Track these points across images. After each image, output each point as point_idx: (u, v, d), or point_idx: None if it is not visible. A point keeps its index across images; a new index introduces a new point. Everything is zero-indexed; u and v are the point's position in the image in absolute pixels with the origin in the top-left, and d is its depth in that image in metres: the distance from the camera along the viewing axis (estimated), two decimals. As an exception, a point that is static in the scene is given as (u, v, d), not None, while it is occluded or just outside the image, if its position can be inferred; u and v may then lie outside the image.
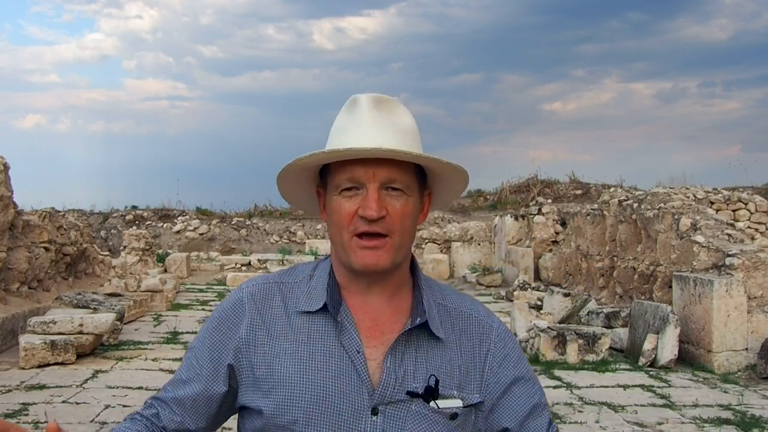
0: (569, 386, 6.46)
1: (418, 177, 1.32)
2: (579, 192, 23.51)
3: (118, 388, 6.05)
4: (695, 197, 10.92)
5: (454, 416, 1.29)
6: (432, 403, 1.27)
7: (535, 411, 1.40)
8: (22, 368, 6.66)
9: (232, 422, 1.44)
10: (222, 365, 1.34)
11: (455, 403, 1.30)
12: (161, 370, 6.83)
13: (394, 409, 1.27)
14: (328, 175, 1.32)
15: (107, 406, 5.45)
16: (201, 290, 14.72)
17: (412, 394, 1.27)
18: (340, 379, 1.27)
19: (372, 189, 1.26)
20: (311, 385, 1.27)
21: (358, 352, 1.28)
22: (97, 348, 7.55)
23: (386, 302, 1.35)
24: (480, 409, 1.35)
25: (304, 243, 20.92)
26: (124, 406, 5.47)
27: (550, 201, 18.54)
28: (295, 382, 1.28)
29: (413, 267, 1.40)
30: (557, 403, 5.78)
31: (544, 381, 6.30)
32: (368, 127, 1.28)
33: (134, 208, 24.06)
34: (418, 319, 1.31)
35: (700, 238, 8.70)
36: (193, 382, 1.36)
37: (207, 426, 1.38)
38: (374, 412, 1.26)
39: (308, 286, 1.36)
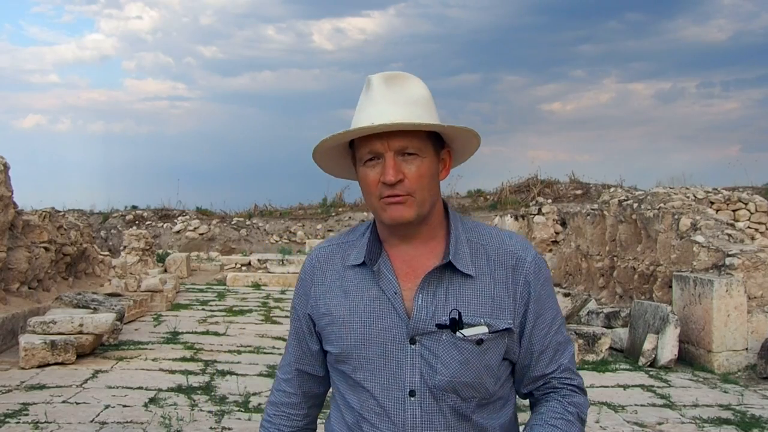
0: (569, 386, 6.45)
1: (432, 139, 1.51)
2: (579, 192, 23.51)
3: (118, 388, 6.04)
4: (695, 197, 10.92)
5: (479, 342, 1.49)
6: (458, 333, 1.48)
7: (556, 347, 1.59)
8: (22, 368, 6.66)
9: (232, 423, 1.44)
10: (308, 323, 1.64)
11: (481, 330, 1.49)
12: (161, 370, 6.82)
13: (429, 339, 1.49)
14: (355, 149, 1.53)
15: (107, 406, 5.45)
16: (201, 290, 14.71)
17: (440, 326, 1.48)
18: (382, 317, 1.51)
19: (388, 157, 1.46)
20: (359, 325, 1.53)
21: (396, 293, 1.51)
22: (97, 348, 7.55)
23: (421, 249, 1.55)
24: (511, 334, 1.53)
25: (304, 243, 20.91)
26: (124, 406, 5.47)
27: (550, 201, 18.54)
28: (347, 324, 1.54)
29: (448, 214, 1.60)
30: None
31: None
32: (379, 104, 1.47)
33: (134, 208, 24.07)
34: (443, 260, 1.51)
35: (700, 238, 8.69)
36: (300, 341, 1.68)
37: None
38: (412, 341, 1.49)
39: (359, 244, 1.60)
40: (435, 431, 1.49)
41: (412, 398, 1.49)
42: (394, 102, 1.47)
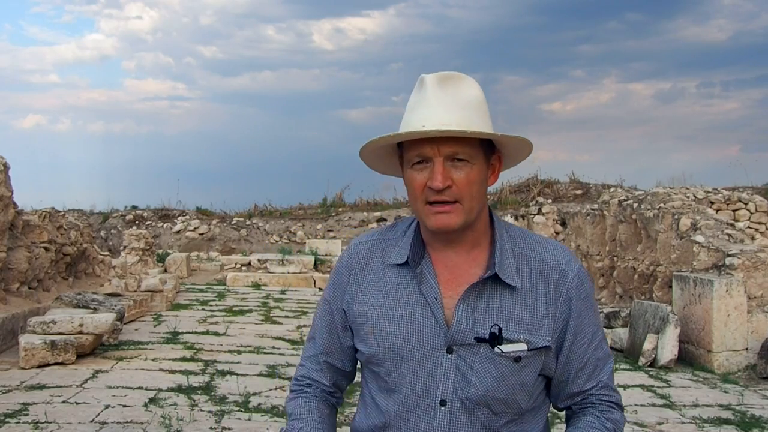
0: (569, 386, 6.45)
1: (482, 145, 1.47)
2: (579, 192, 23.48)
3: (118, 388, 6.04)
4: (695, 197, 10.92)
5: (518, 359, 1.46)
6: (497, 348, 1.45)
7: (595, 363, 1.56)
8: (22, 368, 6.65)
9: (232, 423, 1.44)
10: (342, 318, 1.61)
11: (520, 347, 1.46)
12: (161, 370, 6.82)
13: (466, 350, 1.46)
14: (403, 149, 1.50)
15: (107, 406, 5.44)
16: (201, 290, 14.71)
17: (479, 340, 1.45)
18: (420, 321, 1.49)
19: (438, 162, 1.42)
20: (396, 328, 1.50)
21: (436, 299, 1.49)
22: (97, 348, 7.55)
23: (464, 256, 1.52)
24: (548, 351, 1.50)
25: (304, 243, 20.89)
26: (124, 406, 5.47)
27: (550, 201, 18.55)
28: (383, 326, 1.51)
29: (493, 222, 1.56)
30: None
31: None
32: (431, 106, 1.43)
33: (134, 208, 24.05)
34: (488, 272, 1.48)
35: (700, 238, 8.69)
36: (331, 334, 1.64)
37: (354, 369, 1.69)
38: (449, 350, 1.47)
39: (400, 242, 1.57)
40: None
41: (442, 408, 1.47)
42: (447, 105, 1.42)
